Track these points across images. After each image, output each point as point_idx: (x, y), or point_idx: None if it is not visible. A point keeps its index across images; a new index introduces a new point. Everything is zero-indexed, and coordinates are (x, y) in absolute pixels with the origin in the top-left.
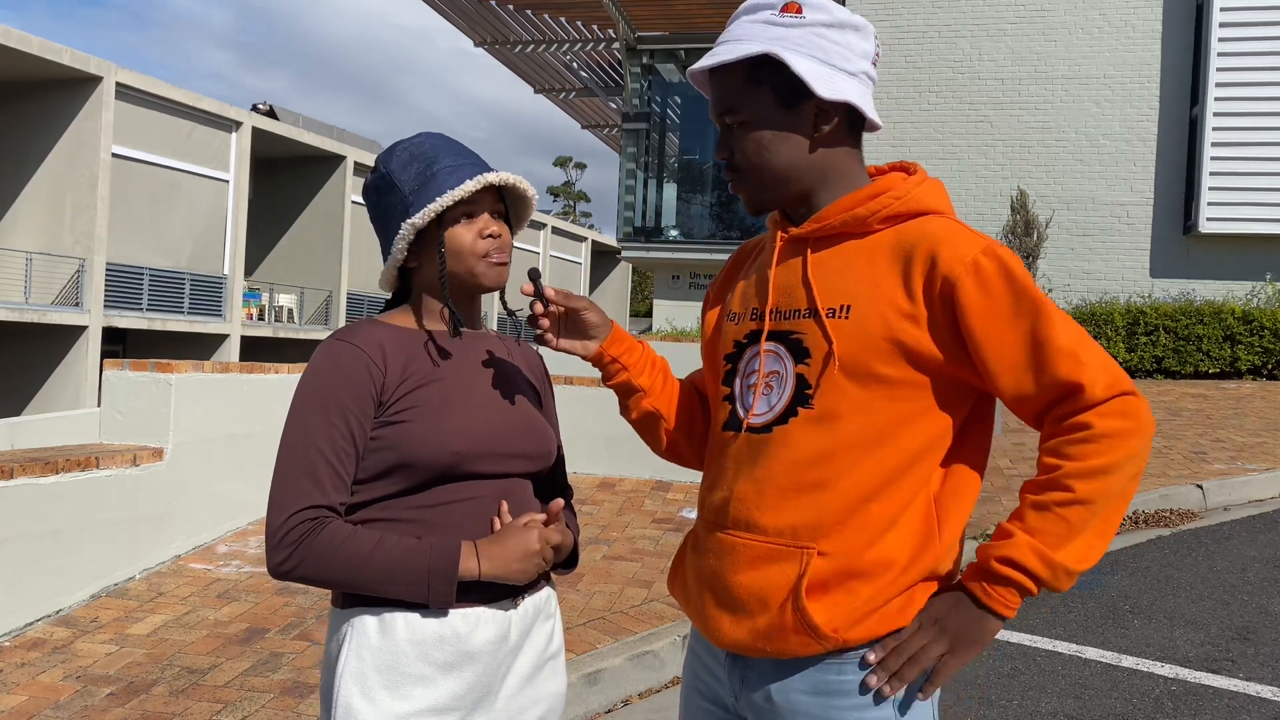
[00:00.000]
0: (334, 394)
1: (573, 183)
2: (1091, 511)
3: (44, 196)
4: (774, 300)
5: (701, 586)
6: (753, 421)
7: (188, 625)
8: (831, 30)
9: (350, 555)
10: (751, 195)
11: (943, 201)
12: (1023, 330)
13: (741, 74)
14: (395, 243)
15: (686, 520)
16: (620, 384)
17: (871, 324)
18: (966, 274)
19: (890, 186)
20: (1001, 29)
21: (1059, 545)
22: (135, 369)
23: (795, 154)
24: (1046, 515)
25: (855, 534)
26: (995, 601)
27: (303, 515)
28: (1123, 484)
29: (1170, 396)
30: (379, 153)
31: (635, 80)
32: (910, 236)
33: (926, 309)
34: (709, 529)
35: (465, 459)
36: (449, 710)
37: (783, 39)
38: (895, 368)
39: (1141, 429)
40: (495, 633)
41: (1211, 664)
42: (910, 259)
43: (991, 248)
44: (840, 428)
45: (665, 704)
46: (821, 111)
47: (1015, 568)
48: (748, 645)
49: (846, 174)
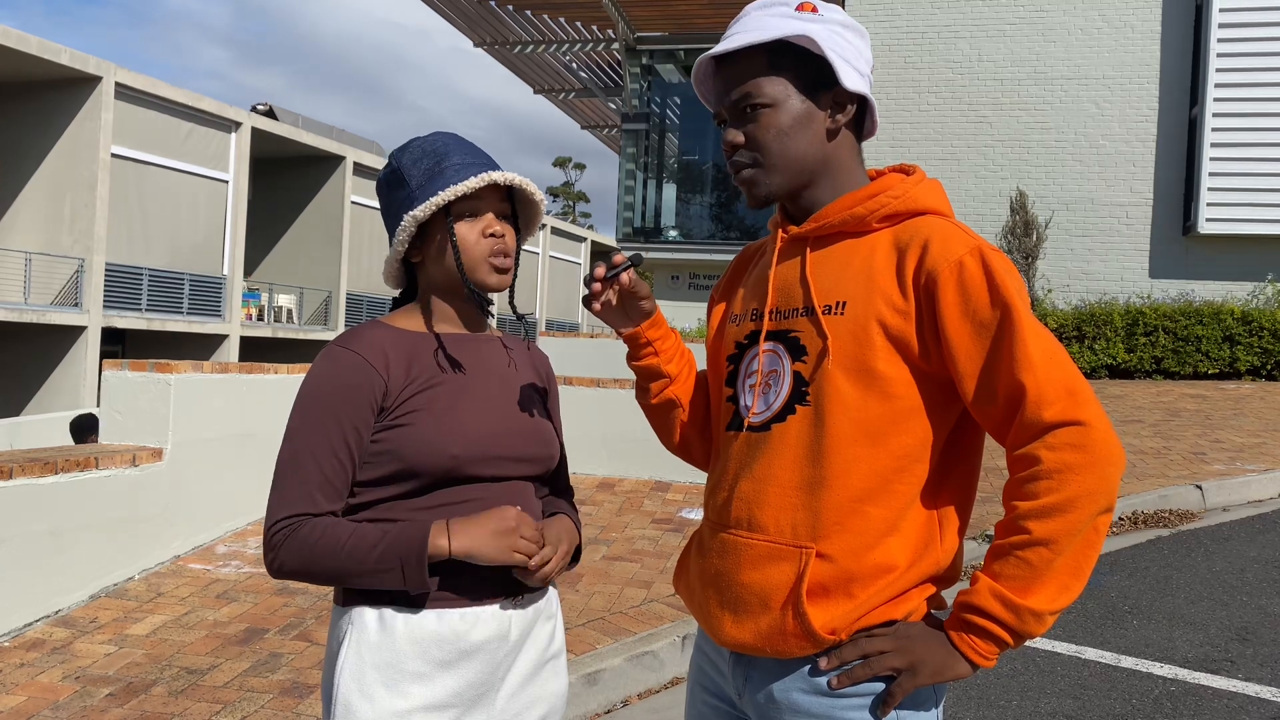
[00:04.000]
0: (332, 402)
1: (572, 183)
2: (1054, 551)
3: (43, 197)
4: (773, 300)
5: (706, 586)
6: (752, 420)
7: (187, 626)
8: (847, 30)
9: (328, 545)
10: (761, 183)
11: (941, 202)
12: (991, 335)
13: (765, 57)
14: (396, 234)
15: (686, 520)
16: (648, 366)
17: (866, 319)
18: (949, 271)
19: (889, 186)
20: (1001, 30)
21: (1024, 590)
22: (134, 369)
23: (811, 141)
24: (1008, 560)
25: (854, 537)
26: (965, 647)
27: (289, 521)
28: (1085, 520)
29: (1170, 397)
30: (379, 156)
31: (635, 80)
32: (906, 234)
33: (915, 304)
34: (713, 529)
35: (464, 462)
36: (446, 707)
37: (809, 29)
38: (889, 363)
39: (1095, 463)
40: (495, 631)
41: (1210, 664)
42: (904, 254)
43: (980, 249)
44: (835, 424)
45: (665, 704)
46: (839, 102)
47: (980, 614)
48: (750, 645)
49: (849, 170)
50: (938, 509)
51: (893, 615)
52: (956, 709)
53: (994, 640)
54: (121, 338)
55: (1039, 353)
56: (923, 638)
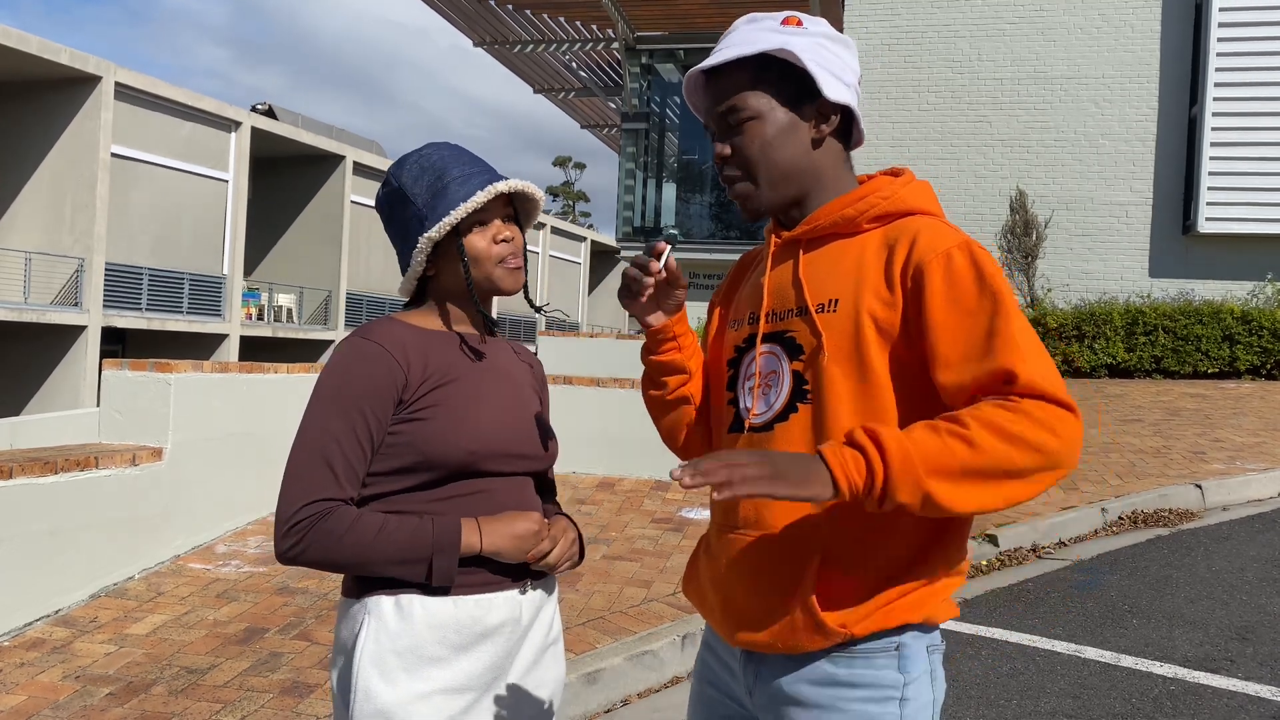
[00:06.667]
0: (354, 390)
1: (572, 182)
2: (974, 454)
3: (43, 196)
4: (768, 303)
5: (716, 588)
6: (754, 421)
7: (187, 625)
8: (831, 43)
9: (357, 536)
10: (751, 195)
11: (930, 202)
12: (979, 323)
13: (749, 71)
14: (414, 256)
15: (686, 520)
16: (670, 361)
17: (858, 314)
18: (937, 262)
19: (878, 188)
20: (1001, 29)
21: (926, 458)
22: (134, 369)
23: (796, 151)
24: (931, 432)
25: (859, 531)
26: (833, 457)
27: (313, 506)
28: (1016, 462)
29: (1169, 396)
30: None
31: (634, 80)
32: (895, 231)
33: (901, 295)
34: (719, 531)
35: (479, 458)
36: (465, 690)
37: (790, 43)
38: (881, 356)
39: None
40: (508, 615)
41: (1210, 664)
42: (894, 249)
43: (968, 244)
44: (835, 421)
45: (665, 704)
46: (823, 112)
47: (874, 441)
48: (763, 643)
49: (838, 177)
50: None
51: (909, 618)
52: (956, 709)
53: (869, 469)
54: (121, 337)
55: (1029, 344)
56: (789, 455)
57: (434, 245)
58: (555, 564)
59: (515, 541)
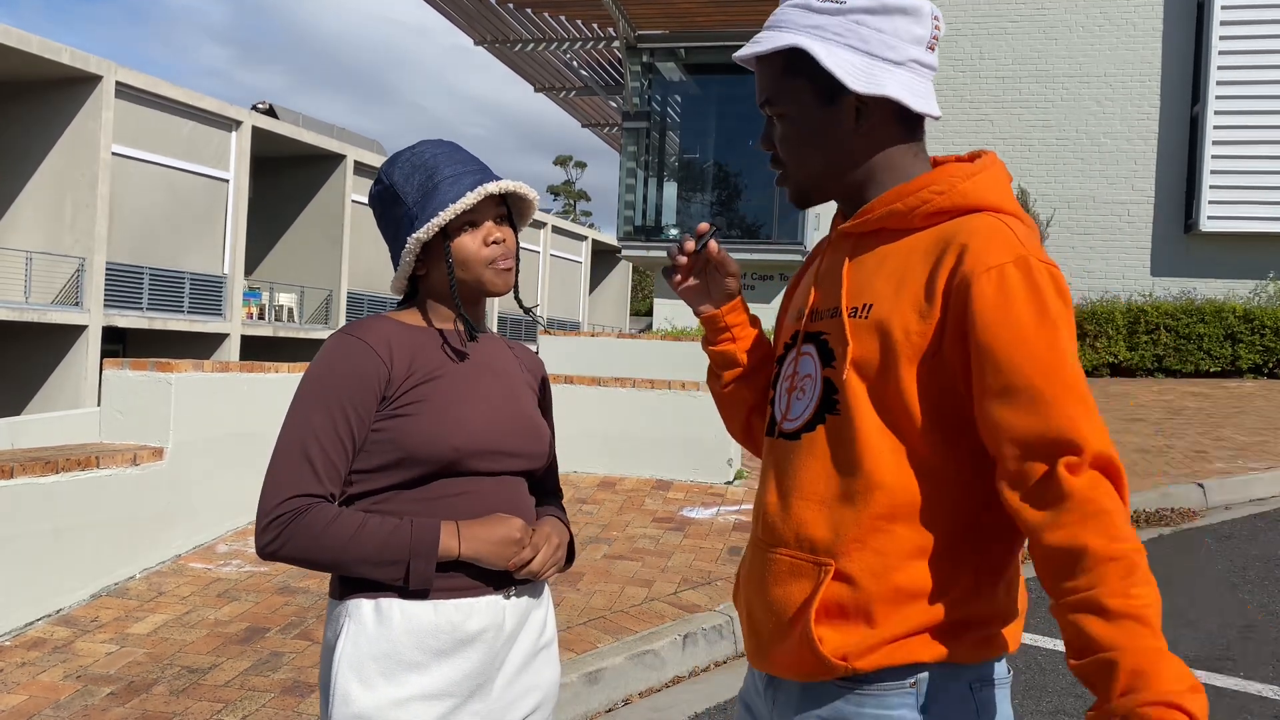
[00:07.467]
0: (338, 387)
1: (573, 181)
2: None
3: (44, 196)
4: (815, 300)
5: (746, 603)
6: (785, 427)
7: (188, 625)
8: (873, 17)
9: (335, 534)
10: (793, 190)
11: (1000, 197)
12: (1033, 356)
13: (779, 65)
14: (403, 256)
15: (687, 519)
16: (724, 353)
17: (887, 324)
18: (987, 278)
19: (934, 180)
20: (1002, 27)
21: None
22: (135, 368)
23: (835, 151)
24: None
25: (878, 557)
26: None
27: (293, 501)
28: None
29: (1171, 395)
30: (379, 154)
31: (635, 79)
32: (948, 233)
33: (940, 310)
34: (754, 543)
35: (465, 455)
36: (444, 696)
37: (819, 28)
38: (909, 372)
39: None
40: (490, 621)
41: (1212, 663)
42: (941, 257)
43: (1026, 260)
44: (861, 437)
45: (665, 703)
46: (862, 106)
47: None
48: (776, 665)
49: (897, 168)
50: (980, 537)
51: (920, 657)
52: None
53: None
54: (122, 337)
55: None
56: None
57: (423, 245)
58: (538, 572)
59: (495, 548)
